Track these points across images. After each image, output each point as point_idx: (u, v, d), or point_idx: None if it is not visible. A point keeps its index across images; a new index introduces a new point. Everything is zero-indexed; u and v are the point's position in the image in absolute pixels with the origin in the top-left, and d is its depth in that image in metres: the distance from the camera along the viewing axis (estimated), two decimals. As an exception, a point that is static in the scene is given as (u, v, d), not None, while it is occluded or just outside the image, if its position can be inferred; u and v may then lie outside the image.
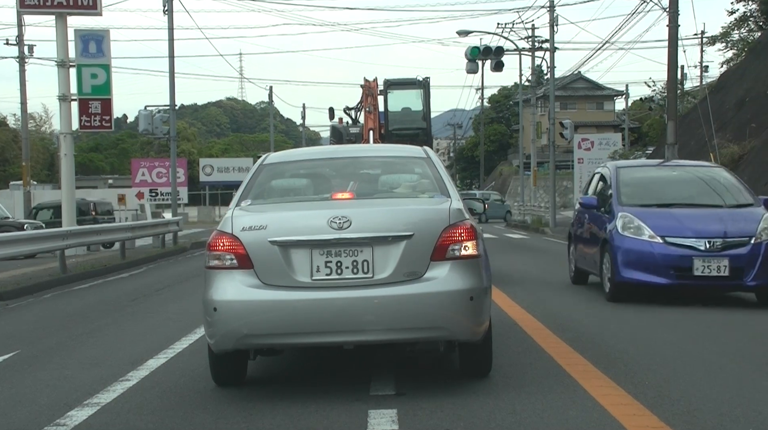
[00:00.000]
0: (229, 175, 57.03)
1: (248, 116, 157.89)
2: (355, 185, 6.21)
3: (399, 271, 5.31)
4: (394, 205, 5.91)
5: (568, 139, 36.28)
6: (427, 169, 6.34)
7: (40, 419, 5.19)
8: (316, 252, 5.32)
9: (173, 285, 13.99)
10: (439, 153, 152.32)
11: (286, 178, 6.60)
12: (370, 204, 5.87)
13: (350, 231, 5.31)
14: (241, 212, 5.72)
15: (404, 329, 5.32)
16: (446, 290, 5.31)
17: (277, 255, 5.33)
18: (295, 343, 5.54)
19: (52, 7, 20.76)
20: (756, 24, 35.13)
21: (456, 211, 5.57)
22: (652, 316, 8.95)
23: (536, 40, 38.72)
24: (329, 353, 6.70)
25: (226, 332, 5.39)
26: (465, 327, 5.40)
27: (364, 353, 6.47)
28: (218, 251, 5.49)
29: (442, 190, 6.00)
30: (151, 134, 30.83)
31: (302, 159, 7.02)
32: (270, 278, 5.34)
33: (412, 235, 5.35)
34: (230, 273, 5.41)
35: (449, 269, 5.36)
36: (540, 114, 53.31)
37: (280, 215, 5.72)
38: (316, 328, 5.27)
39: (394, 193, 6.32)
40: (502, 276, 13.35)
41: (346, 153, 7.38)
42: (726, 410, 4.94)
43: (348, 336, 5.36)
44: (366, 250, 5.33)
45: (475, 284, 5.41)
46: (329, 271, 5.32)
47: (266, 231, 5.39)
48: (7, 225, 23.50)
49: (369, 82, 17.34)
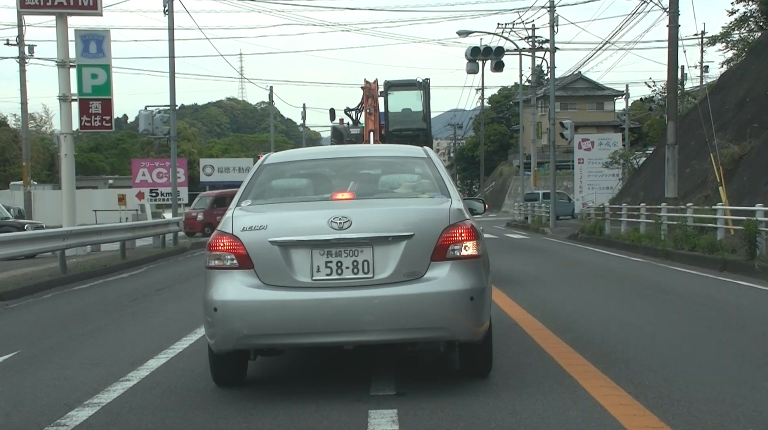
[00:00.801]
0: (230, 175, 56.97)
1: (248, 116, 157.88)
2: (356, 185, 6.19)
3: (399, 271, 5.28)
4: (395, 205, 5.88)
5: (568, 140, 36.34)
6: (427, 170, 6.33)
7: (41, 419, 5.19)
8: (317, 252, 5.29)
9: (173, 285, 13.99)
10: (440, 153, 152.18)
11: (287, 178, 6.56)
12: (371, 204, 5.84)
13: (350, 231, 5.29)
14: (242, 212, 5.70)
15: (404, 329, 5.29)
16: (446, 290, 5.27)
17: (278, 255, 5.29)
18: (295, 343, 5.50)
19: (53, 7, 20.79)
20: (756, 24, 35.10)
21: (456, 211, 5.55)
22: (653, 316, 8.96)
23: (536, 40, 38.73)
24: (329, 353, 6.70)
25: (226, 333, 5.35)
26: (465, 327, 5.37)
27: (364, 353, 6.47)
28: (218, 250, 5.45)
29: (443, 191, 5.98)
30: (151, 134, 30.82)
31: (303, 159, 6.98)
32: (270, 278, 5.30)
33: (413, 235, 5.33)
34: (230, 273, 5.37)
35: (449, 269, 5.33)
36: (540, 114, 53.39)
37: (280, 215, 5.70)
38: (316, 328, 5.24)
39: (394, 193, 6.28)
40: (503, 276, 13.34)
41: (347, 153, 7.32)
42: (726, 411, 4.94)
43: (348, 336, 5.32)
44: (366, 250, 5.30)
45: (475, 285, 5.37)
46: (329, 271, 5.29)
47: (266, 231, 5.36)
48: (8, 225, 23.51)
49: (369, 83, 17.41)
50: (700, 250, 16.14)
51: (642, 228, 21.67)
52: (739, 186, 21.92)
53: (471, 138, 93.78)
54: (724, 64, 39.55)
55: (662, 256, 17.39)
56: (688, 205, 19.30)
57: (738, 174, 22.95)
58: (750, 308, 9.78)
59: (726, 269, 14.22)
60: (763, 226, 14.37)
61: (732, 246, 15.31)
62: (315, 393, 5.57)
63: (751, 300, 10.54)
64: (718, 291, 11.56)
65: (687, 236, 17.26)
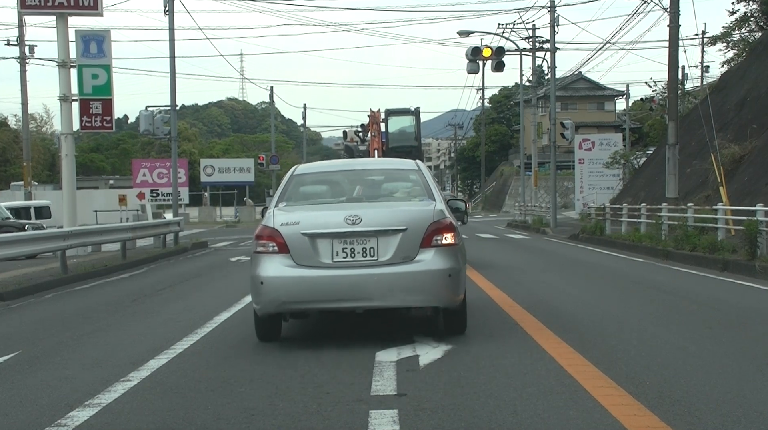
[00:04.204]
0: (230, 175, 56.98)
1: (249, 117, 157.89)
2: (362, 190, 8.11)
3: (397, 255, 7.04)
4: (393, 206, 7.72)
5: (569, 140, 36.27)
6: (418, 178, 8.12)
7: (42, 419, 5.20)
8: (336, 241, 7.06)
9: (174, 285, 14.00)
10: (440, 153, 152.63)
11: (311, 185, 8.33)
12: (375, 206, 7.62)
13: (361, 226, 7.04)
14: (279, 212, 7.47)
15: (401, 298, 7.08)
16: (431, 269, 7.02)
17: (307, 243, 7.06)
18: (320, 308, 7.26)
19: (53, 7, 20.77)
20: (757, 24, 35.07)
21: (439, 211, 7.30)
22: (653, 316, 8.96)
23: (537, 40, 38.71)
24: (329, 353, 6.74)
25: (269, 300, 7.11)
26: (445, 297, 7.15)
27: (363, 352, 6.47)
28: (263, 240, 7.19)
29: (429, 195, 7.74)
30: (152, 135, 30.76)
31: (323, 170, 8.86)
32: (302, 260, 7.06)
33: (407, 229, 7.09)
34: (272, 256, 7.11)
35: (434, 254, 7.08)
36: (541, 114, 53.32)
37: (308, 214, 7.43)
38: (336, 296, 7.03)
39: (393, 197, 8.15)
40: (503, 276, 13.35)
41: (357, 165, 9.26)
42: (727, 411, 4.94)
43: (359, 303, 7.11)
44: (372, 239, 7.06)
45: (453, 265, 7.13)
46: (345, 255, 7.05)
47: (299, 226, 7.13)
48: (8, 226, 23.50)
49: (374, 112, 22.54)
50: (700, 250, 16.14)
51: (643, 228, 21.66)
52: (740, 186, 21.92)
53: (472, 138, 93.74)
54: (725, 64, 39.56)
55: (663, 256, 17.39)
56: (688, 206, 19.30)
57: (739, 174, 22.95)
58: (751, 308, 9.77)
59: (727, 269, 14.22)
60: (764, 226, 14.36)
61: (733, 246, 15.31)
62: (316, 393, 5.57)
63: (752, 300, 10.54)
64: (718, 291, 11.56)
65: (688, 236, 17.26)
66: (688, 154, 26.30)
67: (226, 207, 59.49)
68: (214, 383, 5.98)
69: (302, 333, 8.25)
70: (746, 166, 23.08)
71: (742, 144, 23.99)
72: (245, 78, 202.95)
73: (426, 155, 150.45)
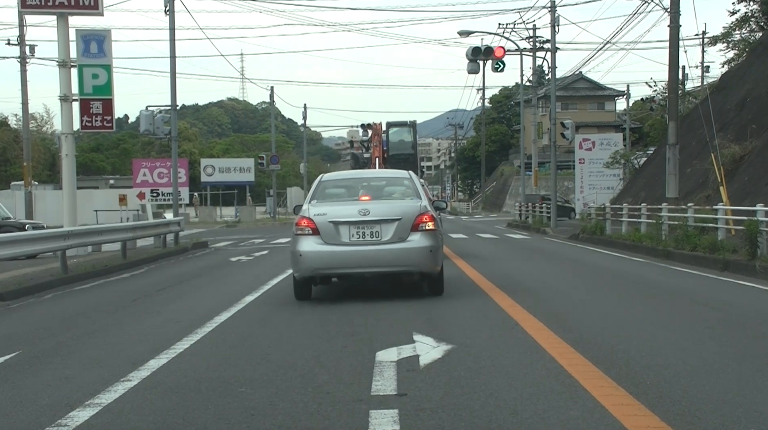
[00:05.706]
0: (231, 175, 56.93)
1: (249, 116, 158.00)
2: (369, 192, 11.08)
3: (394, 237, 10.17)
4: (392, 203, 10.83)
5: (569, 140, 36.26)
6: (410, 184, 11.39)
7: (42, 419, 5.19)
8: (352, 227, 10.16)
9: (174, 285, 14.00)
10: (440, 153, 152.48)
11: (333, 188, 11.48)
12: (380, 203, 10.65)
13: (369, 216, 10.16)
14: (311, 206, 10.50)
15: (397, 267, 10.25)
16: (418, 246, 10.16)
17: (332, 228, 10.15)
18: (341, 273, 10.44)
19: (54, 7, 20.76)
20: (757, 24, 35.06)
21: (423, 206, 10.46)
22: (653, 316, 8.96)
23: (537, 40, 38.72)
24: (329, 353, 6.68)
25: (305, 268, 10.23)
26: (427, 266, 10.31)
27: (366, 347, 6.45)
28: (302, 226, 10.25)
29: (418, 196, 10.90)
30: (152, 134, 30.71)
31: (342, 178, 12.31)
32: (328, 239, 10.16)
33: (401, 218, 10.22)
34: (308, 237, 10.20)
35: (420, 236, 10.21)
36: (541, 114, 53.31)
37: (333, 208, 10.46)
38: (352, 265, 10.18)
39: (392, 197, 11.23)
40: (503, 276, 13.35)
41: (365, 174, 13.48)
42: (727, 411, 4.94)
43: (368, 269, 10.25)
44: (377, 226, 10.17)
45: (433, 244, 10.26)
46: (359, 236, 10.16)
47: (326, 216, 10.23)
48: (8, 225, 23.50)
49: (376, 125, 25.99)
50: (701, 250, 16.14)
51: (643, 228, 21.64)
52: (740, 186, 21.92)
53: (472, 138, 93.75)
54: (725, 65, 39.56)
55: (663, 256, 17.39)
56: (689, 206, 19.29)
57: (739, 174, 22.94)
58: (751, 308, 9.77)
59: (727, 269, 14.22)
60: (764, 226, 14.36)
61: (733, 246, 15.31)
62: (316, 393, 5.57)
63: (752, 300, 10.54)
64: (719, 291, 11.56)
65: (688, 236, 17.26)
66: (689, 154, 26.30)
67: (226, 207, 59.42)
68: (214, 383, 5.98)
69: (302, 333, 8.25)
70: (746, 166, 23.07)
71: (742, 144, 23.98)
72: (245, 78, 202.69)
73: (426, 155, 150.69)
